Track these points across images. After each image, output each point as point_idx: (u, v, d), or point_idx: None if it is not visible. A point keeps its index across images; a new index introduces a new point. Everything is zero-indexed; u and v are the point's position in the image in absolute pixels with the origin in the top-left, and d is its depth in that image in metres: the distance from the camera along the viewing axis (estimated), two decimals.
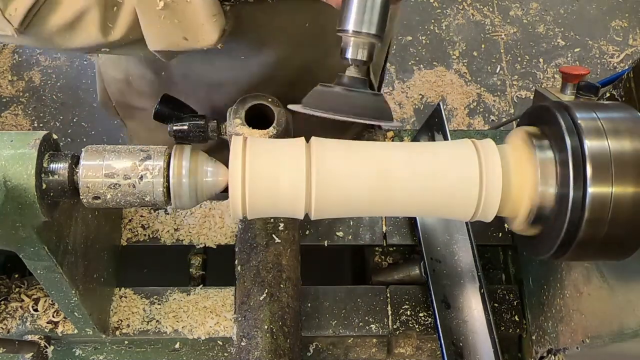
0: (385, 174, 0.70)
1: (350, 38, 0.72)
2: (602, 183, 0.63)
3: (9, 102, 2.69)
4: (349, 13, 0.71)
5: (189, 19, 0.80)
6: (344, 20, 0.72)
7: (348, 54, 0.73)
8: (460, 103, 2.79)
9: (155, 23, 0.80)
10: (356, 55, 0.72)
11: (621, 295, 0.76)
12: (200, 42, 0.82)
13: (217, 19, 0.80)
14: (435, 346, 1.08)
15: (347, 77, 0.73)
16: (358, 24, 0.71)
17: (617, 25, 3.01)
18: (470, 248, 1.04)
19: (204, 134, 0.98)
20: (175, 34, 0.81)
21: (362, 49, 0.72)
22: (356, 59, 0.72)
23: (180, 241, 1.09)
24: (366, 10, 0.71)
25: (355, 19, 0.71)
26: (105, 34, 0.81)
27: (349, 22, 0.71)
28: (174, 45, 0.83)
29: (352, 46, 0.72)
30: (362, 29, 0.71)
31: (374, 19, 0.71)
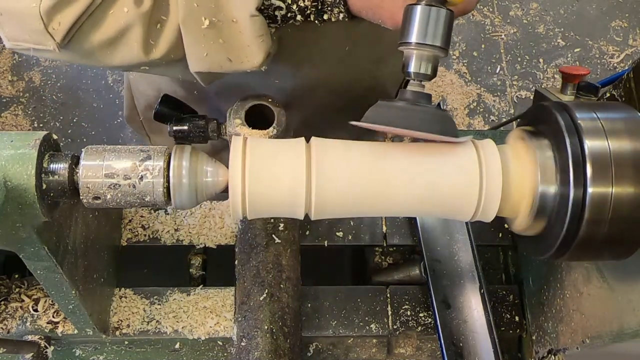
0: (385, 174, 0.70)
1: (413, 51, 0.69)
2: (602, 183, 0.63)
3: (9, 102, 2.69)
4: (411, 25, 0.69)
5: (234, 39, 0.78)
6: (406, 32, 0.69)
7: (411, 68, 0.70)
8: (460, 103, 2.79)
9: (199, 43, 0.78)
10: (419, 69, 0.70)
11: (621, 295, 0.76)
12: (245, 64, 0.80)
13: (263, 40, 0.78)
14: (435, 346, 1.08)
15: (410, 91, 0.71)
16: (421, 36, 0.68)
17: (617, 25, 3.01)
18: (470, 248, 1.04)
19: (204, 134, 0.98)
20: (219, 55, 0.79)
21: (425, 62, 0.70)
22: (419, 73, 0.70)
23: (180, 241, 1.09)
24: (430, 22, 0.68)
25: (418, 31, 0.68)
26: (147, 52, 0.79)
27: (412, 35, 0.69)
28: (216, 67, 0.81)
29: (415, 59, 0.70)
30: (426, 40, 0.68)
31: (439, 31, 0.69)
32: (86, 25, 0.77)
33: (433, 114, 0.70)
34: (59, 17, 0.75)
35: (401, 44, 0.70)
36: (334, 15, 0.79)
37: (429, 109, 0.70)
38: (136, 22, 0.77)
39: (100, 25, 0.78)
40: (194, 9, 0.76)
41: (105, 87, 2.75)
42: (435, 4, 0.69)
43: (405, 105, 0.70)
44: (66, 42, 0.78)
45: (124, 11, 0.77)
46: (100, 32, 0.78)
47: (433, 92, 2.80)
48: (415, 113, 0.69)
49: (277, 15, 0.79)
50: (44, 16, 0.75)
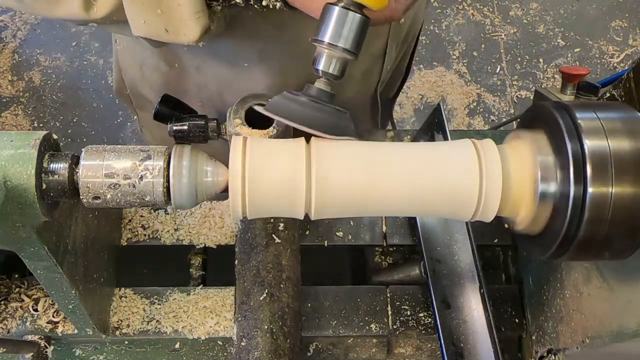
0: (385, 174, 0.70)
1: (325, 50, 0.71)
2: (602, 183, 0.63)
3: (9, 102, 2.69)
4: (327, 24, 0.70)
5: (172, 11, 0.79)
6: (321, 30, 0.71)
7: (320, 66, 0.72)
8: (460, 103, 2.79)
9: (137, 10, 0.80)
10: (328, 68, 0.72)
11: (621, 295, 0.76)
12: (181, 37, 0.82)
13: (200, 17, 0.80)
14: (435, 346, 1.08)
15: (315, 88, 0.73)
16: (335, 37, 0.70)
17: (617, 25, 3.01)
18: (470, 248, 1.04)
19: (204, 134, 0.98)
20: (157, 24, 0.81)
21: (335, 63, 0.71)
22: (327, 72, 0.72)
23: (180, 241, 1.09)
24: (345, 25, 0.70)
25: (332, 32, 0.70)
26: (87, 10, 0.82)
27: (325, 34, 0.70)
28: (154, 35, 0.83)
29: (325, 58, 0.71)
30: (338, 42, 0.70)
31: (351, 35, 0.70)
32: None
33: (334, 114, 0.71)
34: None
35: (314, 40, 0.72)
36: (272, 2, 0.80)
37: (328, 109, 0.71)
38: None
39: None
40: None
41: (105, 87, 2.75)
42: (352, 9, 0.70)
43: (307, 101, 0.71)
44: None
45: None
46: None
47: (433, 92, 2.80)
48: (314, 111, 0.71)
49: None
50: None
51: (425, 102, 2.79)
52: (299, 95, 0.72)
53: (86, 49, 2.83)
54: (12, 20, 2.89)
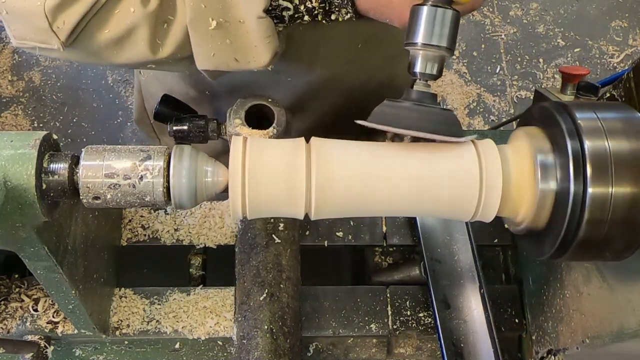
0: (385, 174, 0.70)
1: (419, 51, 0.70)
2: (602, 183, 0.63)
3: (9, 102, 2.69)
4: (417, 25, 0.69)
5: (241, 39, 0.78)
6: (412, 33, 0.69)
7: (417, 68, 0.70)
8: (460, 103, 2.79)
9: (206, 43, 0.78)
10: (425, 69, 0.70)
11: (621, 295, 0.76)
12: (251, 64, 0.80)
13: (270, 41, 0.78)
14: (435, 346, 1.08)
15: (416, 91, 0.71)
16: (427, 36, 0.69)
17: (617, 25, 3.01)
18: (470, 248, 1.04)
19: (204, 134, 0.98)
20: (226, 55, 0.79)
21: (431, 63, 0.70)
22: (425, 73, 0.70)
23: (180, 241, 1.09)
24: (436, 23, 0.69)
25: (424, 31, 0.69)
26: (154, 51, 0.80)
27: (418, 35, 0.69)
28: (223, 66, 0.81)
29: (420, 59, 0.70)
30: (432, 41, 0.69)
31: (445, 31, 0.69)
32: (92, 24, 0.77)
33: (439, 114, 0.70)
34: (64, 15, 0.75)
35: (407, 44, 0.71)
36: (342, 15, 0.79)
37: (434, 109, 0.70)
38: (143, 21, 0.77)
39: (106, 24, 0.78)
40: (201, 10, 0.76)
41: (105, 87, 2.75)
42: (441, 5, 0.69)
43: (411, 105, 0.70)
44: (71, 41, 0.77)
45: (130, 11, 0.77)
46: (106, 32, 0.78)
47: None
48: (421, 114, 0.69)
49: (285, 15, 0.79)
50: (48, 15, 0.75)
51: None
52: (401, 101, 0.71)
53: None
54: None
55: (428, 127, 0.68)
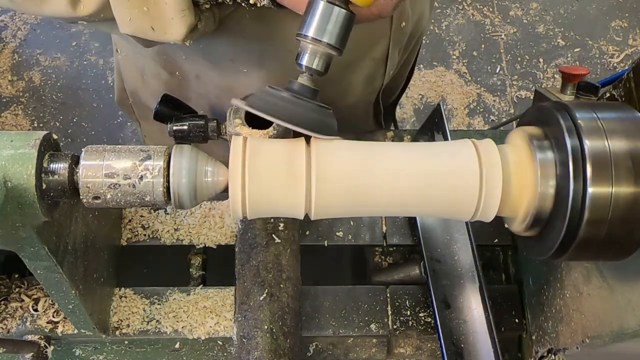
0: (385, 174, 0.70)
1: (309, 45, 0.70)
2: (602, 183, 0.63)
3: (9, 102, 2.69)
4: (312, 19, 0.69)
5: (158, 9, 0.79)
6: (305, 25, 0.70)
7: (303, 61, 0.71)
8: (460, 103, 2.79)
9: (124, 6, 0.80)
10: (311, 64, 0.71)
11: (621, 295, 0.76)
12: (167, 36, 0.81)
13: (185, 15, 0.79)
14: (435, 346, 1.08)
15: (298, 83, 0.72)
16: (319, 32, 0.69)
17: (617, 25, 3.01)
18: (470, 248, 1.04)
19: (204, 134, 0.98)
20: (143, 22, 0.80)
21: (318, 58, 0.71)
22: (311, 68, 0.71)
23: (180, 241, 1.09)
24: (330, 20, 0.69)
25: (317, 26, 0.69)
26: (74, 7, 0.81)
27: (310, 28, 0.69)
28: (140, 32, 0.82)
29: (309, 53, 0.71)
30: (323, 37, 0.69)
31: (336, 31, 0.69)
32: None
33: (316, 110, 0.70)
34: None
35: (299, 35, 0.71)
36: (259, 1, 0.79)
37: (312, 105, 0.70)
38: None
39: None
40: None
41: (105, 87, 2.75)
42: (337, 3, 0.69)
43: (290, 96, 0.70)
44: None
45: None
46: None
47: (433, 91, 2.80)
48: (297, 107, 0.70)
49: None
50: None
51: (425, 102, 2.79)
52: (281, 90, 0.71)
53: (86, 49, 2.83)
54: (12, 20, 2.89)
55: (302, 121, 0.69)
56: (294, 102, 0.70)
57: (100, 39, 2.84)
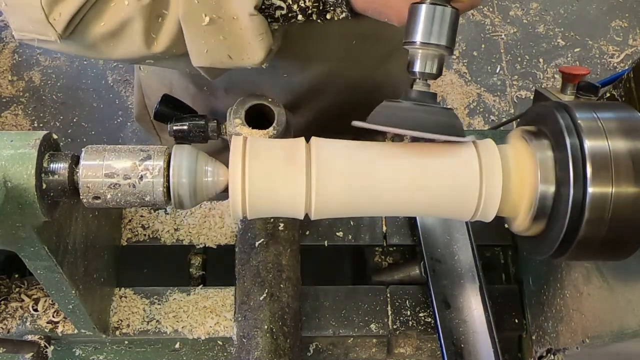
0: (385, 174, 0.70)
1: (418, 50, 0.69)
2: (602, 183, 0.63)
3: (9, 102, 2.69)
4: (416, 24, 0.68)
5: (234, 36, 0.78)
6: (411, 32, 0.69)
7: (416, 67, 0.70)
8: (460, 103, 2.79)
9: (199, 38, 0.78)
10: (424, 68, 0.70)
11: (621, 295, 0.76)
12: (245, 61, 0.80)
13: (263, 38, 0.78)
14: (435, 346, 1.08)
15: (415, 91, 0.70)
16: (426, 35, 0.68)
17: (617, 25, 3.01)
18: (470, 248, 1.04)
19: (204, 134, 0.98)
20: (219, 51, 0.79)
21: (431, 61, 0.70)
22: (424, 72, 0.70)
23: (180, 241, 1.09)
24: (435, 21, 0.68)
25: (423, 30, 0.68)
26: (149, 45, 0.80)
27: (416, 34, 0.68)
28: (217, 62, 0.81)
29: (420, 59, 0.69)
30: (431, 39, 0.68)
31: (444, 30, 0.68)
32: (88, 17, 0.78)
33: (440, 113, 0.69)
34: (60, 7, 0.76)
35: (406, 43, 0.70)
36: (337, 14, 0.79)
37: (435, 109, 0.69)
38: (137, 14, 0.78)
39: (101, 17, 0.78)
40: (194, 5, 0.77)
41: (105, 87, 2.75)
42: (439, 3, 0.68)
43: (412, 105, 0.69)
44: (68, 34, 0.78)
45: (125, 4, 0.78)
46: (102, 24, 0.79)
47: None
48: (421, 113, 0.68)
49: (278, 14, 0.79)
50: (45, 7, 0.76)
51: None
52: (401, 102, 0.70)
53: None
54: None
55: (429, 127, 0.67)
56: (420, 110, 0.69)
57: None
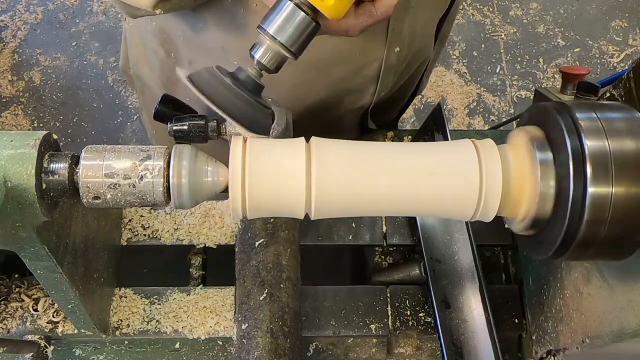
0: (385, 174, 0.70)
1: (266, 40, 0.70)
2: (602, 183, 0.63)
3: (9, 102, 2.69)
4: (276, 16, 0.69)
5: None
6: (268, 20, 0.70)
7: (257, 54, 0.71)
8: (460, 103, 2.79)
9: None
10: (263, 59, 0.71)
11: (621, 295, 0.76)
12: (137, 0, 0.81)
13: None
14: (435, 346, 1.08)
15: (245, 74, 0.71)
16: (279, 32, 0.69)
17: (617, 25, 3.01)
18: (470, 248, 1.04)
19: (204, 134, 0.98)
20: None
21: (271, 56, 0.70)
22: (261, 63, 0.71)
23: (180, 241, 1.09)
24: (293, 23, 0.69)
25: (279, 26, 0.69)
26: None
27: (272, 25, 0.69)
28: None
29: (264, 48, 0.70)
30: (281, 38, 0.69)
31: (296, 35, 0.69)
32: None
33: (251, 105, 0.70)
34: None
35: (259, 27, 0.71)
36: None
37: (250, 100, 0.70)
38: None
39: None
40: None
41: (105, 87, 2.75)
42: (304, 9, 0.69)
43: (232, 84, 0.70)
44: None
45: None
46: None
47: (433, 91, 2.80)
48: (235, 98, 0.69)
49: None
50: None
51: (425, 102, 2.79)
52: (226, 75, 0.70)
53: (86, 49, 2.83)
54: (12, 20, 2.89)
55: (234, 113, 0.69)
56: (234, 92, 0.70)
57: (101, 39, 2.84)
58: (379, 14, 0.75)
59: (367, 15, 0.75)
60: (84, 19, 2.89)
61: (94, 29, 2.87)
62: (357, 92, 1.14)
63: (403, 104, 1.39)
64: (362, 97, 1.16)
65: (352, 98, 1.15)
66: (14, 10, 2.89)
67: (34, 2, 2.91)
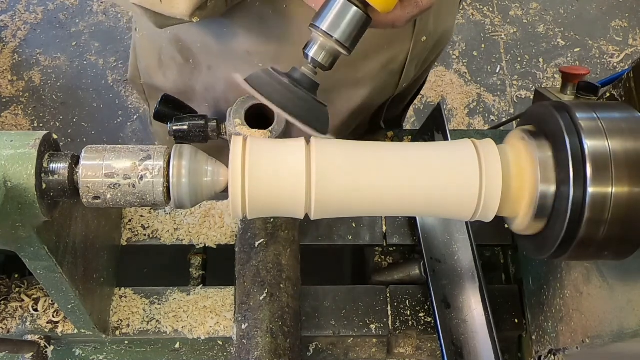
0: (385, 174, 0.70)
1: (319, 37, 0.70)
2: (602, 183, 0.63)
3: (9, 102, 2.69)
4: (328, 13, 0.69)
5: None
6: (320, 17, 0.70)
7: (310, 52, 0.71)
8: (460, 103, 2.78)
9: None
10: (317, 56, 0.71)
11: (621, 295, 0.76)
12: (174, 9, 0.81)
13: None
14: (435, 346, 1.08)
15: (300, 73, 0.71)
16: (333, 28, 0.69)
17: (617, 25, 3.01)
18: (470, 248, 1.04)
19: (204, 134, 0.98)
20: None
21: (326, 53, 0.70)
22: (316, 60, 0.71)
23: (180, 241, 1.09)
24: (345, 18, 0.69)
25: (332, 22, 0.69)
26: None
27: (324, 21, 0.69)
28: (148, 4, 0.81)
29: (318, 46, 0.70)
30: (335, 34, 0.69)
31: (349, 30, 0.69)
32: None
33: (310, 103, 0.70)
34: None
35: (312, 25, 0.71)
36: None
37: (307, 97, 0.70)
38: None
39: None
40: None
41: (105, 87, 2.75)
42: (356, 3, 0.69)
43: (288, 83, 0.70)
44: None
45: None
46: None
47: (433, 91, 2.80)
48: (292, 95, 0.69)
49: None
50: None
51: (425, 102, 2.79)
52: (282, 75, 0.70)
53: (86, 49, 2.83)
54: (12, 20, 2.89)
55: (293, 111, 0.68)
56: (291, 90, 0.69)
57: (101, 39, 2.84)
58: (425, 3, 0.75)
59: (413, 6, 0.75)
60: (84, 19, 2.89)
61: (94, 29, 2.86)
62: (380, 86, 1.13)
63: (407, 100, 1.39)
64: (384, 90, 1.16)
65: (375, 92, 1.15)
66: (14, 10, 2.89)
67: (34, 2, 2.91)
